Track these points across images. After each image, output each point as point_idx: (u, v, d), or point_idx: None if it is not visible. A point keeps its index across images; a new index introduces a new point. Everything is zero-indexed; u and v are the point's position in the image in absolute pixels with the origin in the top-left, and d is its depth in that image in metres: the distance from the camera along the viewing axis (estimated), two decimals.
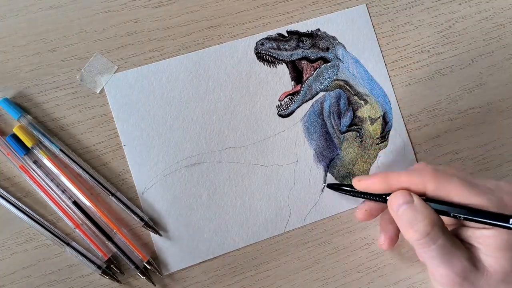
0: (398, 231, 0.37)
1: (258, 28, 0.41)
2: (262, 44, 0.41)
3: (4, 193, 0.37)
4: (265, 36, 0.41)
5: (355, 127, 0.41)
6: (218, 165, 0.39)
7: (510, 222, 0.29)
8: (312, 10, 0.42)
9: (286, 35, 0.41)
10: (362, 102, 0.42)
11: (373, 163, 0.41)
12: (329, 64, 0.41)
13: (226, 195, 0.39)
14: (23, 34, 0.38)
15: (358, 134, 0.41)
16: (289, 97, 0.41)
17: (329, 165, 0.41)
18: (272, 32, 0.41)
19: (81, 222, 0.37)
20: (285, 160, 0.40)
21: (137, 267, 0.37)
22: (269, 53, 0.41)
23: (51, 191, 0.37)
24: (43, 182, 0.37)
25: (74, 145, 0.38)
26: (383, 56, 0.42)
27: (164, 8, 0.40)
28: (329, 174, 0.41)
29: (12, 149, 0.37)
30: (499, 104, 0.43)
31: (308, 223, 0.40)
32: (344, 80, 0.42)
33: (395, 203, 0.32)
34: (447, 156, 0.42)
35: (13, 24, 0.38)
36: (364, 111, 0.42)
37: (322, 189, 0.40)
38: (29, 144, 0.36)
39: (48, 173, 0.37)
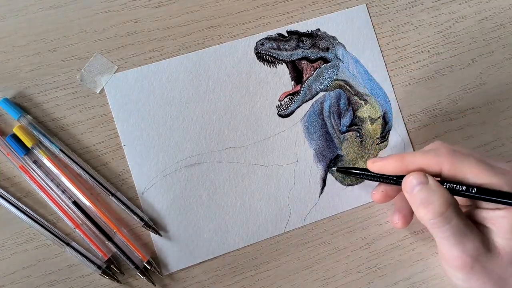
0: (412, 210, 0.37)
1: (258, 28, 0.41)
2: (262, 44, 0.41)
3: (4, 193, 0.37)
4: (265, 36, 0.41)
5: (355, 127, 0.41)
6: (218, 165, 0.39)
7: None
8: (312, 10, 0.42)
9: (286, 35, 0.41)
10: (362, 102, 0.42)
11: None
12: (329, 64, 0.41)
13: (226, 195, 0.39)
14: (23, 34, 0.38)
15: (358, 134, 0.41)
16: (289, 97, 0.41)
17: (329, 165, 0.41)
18: (272, 32, 0.41)
19: (81, 222, 0.37)
20: (285, 160, 0.40)
21: (137, 267, 0.37)
22: (269, 53, 0.41)
23: (51, 191, 0.37)
24: (43, 182, 0.37)
25: (74, 145, 0.38)
26: (383, 56, 0.42)
27: (164, 8, 0.40)
28: (329, 174, 0.41)
29: (12, 149, 0.37)
30: (499, 104, 0.43)
31: (308, 223, 0.40)
32: (344, 80, 0.42)
33: (409, 184, 0.32)
34: None
35: (13, 24, 0.38)
36: (364, 111, 0.42)
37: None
38: (29, 144, 0.36)
39: (48, 173, 0.37)
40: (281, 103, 0.41)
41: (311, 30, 0.42)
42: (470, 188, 0.31)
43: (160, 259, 0.38)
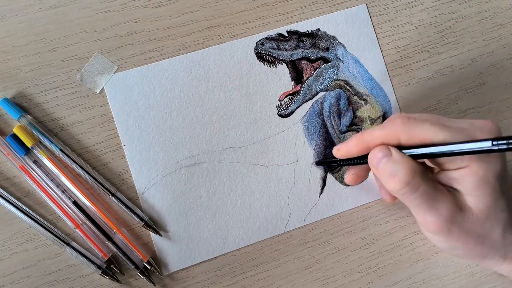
0: None
1: (258, 28, 0.41)
2: (262, 44, 0.41)
3: (4, 193, 0.37)
4: (265, 36, 0.41)
5: (355, 127, 0.41)
6: (218, 165, 0.39)
7: (491, 144, 0.27)
8: (312, 10, 0.42)
9: (286, 35, 0.41)
10: (362, 102, 0.42)
11: None
12: (329, 64, 0.41)
13: (226, 195, 0.39)
14: (23, 34, 0.38)
15: None
16: (289, 97, 0.41)
17: (329, 165, 0.41)
18: (272, 32, 0.41)
19: (81, 222, 0.37)
20: (285, 160, 0.40)
21: (137, 267, 0.37)
22: (269, 53, 0.41)
23: (51, 191, 0.37)
24: (43, 182, 0.37)
25: (74, 145, 0.38)
26: (383, 56, 0.42)
27: (164, 8, 0.40)
28: (329, 174, 0.41)
29: (12, 149, 0.37)
30: (499, 104, 0.43)
31: (308, 223, 0.40)
32: (344, 80, 0.42)
33: (374, 159, 0.32)
34: None
35: (13, 24, 0.38)
36: (364, 111, 0.42)
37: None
38: (29, 144, 0.36)
39: (48, 173, 0.37)
40: (281, 103, 0.41)
41: (311, 30, 0.42)
42: (425, 149, 0.30)
43: (160, 259, 0.38)
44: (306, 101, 0.41)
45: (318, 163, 0.40)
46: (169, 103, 0.39)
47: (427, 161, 0.34)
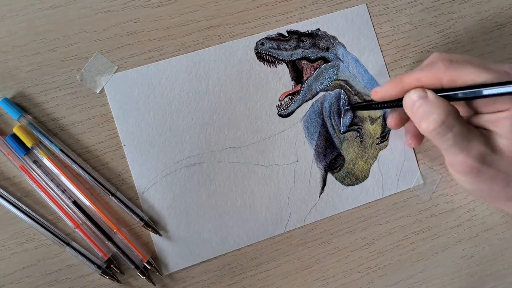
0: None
1: (258, 28, 0.41)
2: (262, 44, 0.41)
3: (4, 193, 0.37)
4: (265, 36, 0.41)
5: (355, 127, 0.41)
6: (218, 165, 0.39)
7: None
8: (312, 10, 0.42)
9: (286, 35, 0.41)
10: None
11: (373, 163, 0.41)
12: (329, 64, 0.41)
13: (226, 195, 0.39)
14: (23, 34, 0.38)
15: (358, 134, 0.41)
16: (289, 97, 0.41)
17: (329, 165, 0.41)
18: (272, 32, 0.41)
19: (81, 222, 0.37)
20: (285, 160, 0.40)
21: (137, 267, 0.37)
22: (269, 53, 0.41)
23: (51, 191, 0.37)
24: (43, 182, 0.37)
25: (74, 145, 0.38)
26: (383, 56, 0.42)
27: (164, 8, 0.40)
28: (329, 174, 0.41)
29: (12, 149, 0.37)
30: None
31: (308, 223, 0.40)
32: (344, 80, 0.42)
33: (409, 101, 0.32)
34: None
35: (13, 24, 0.38)
36: (364, 111, 0.42)
37: (345, 111, 0.41)
38: (29, 144, 0.36)
39: (48, 173, 0.37)
40: (281, 103, 0.41)
41: (311, 30, 0.42)
42: (468, 90, 0.30)
43: (160, 259, 0.38)
44: (306, 101, 0.41)
45: (353, 108, 0.40)
46: (169, 103, 0.39)
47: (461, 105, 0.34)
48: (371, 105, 0.37)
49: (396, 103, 0.35)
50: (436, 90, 0.32)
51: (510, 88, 0.29)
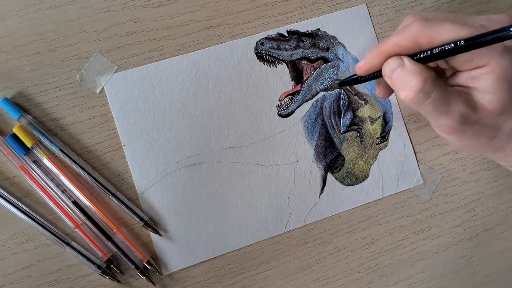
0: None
1: (258, 28, 0.41)
2: (262, 44, 0.41)
3: (4, 193, 0.37)
4: (265, 36, 0.41)
5: (355, 127, 0.41)
6: (218, 165, 0.39)
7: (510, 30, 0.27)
8: (312, 10, 0.42)
9: (286, 35, 0.41)
10: (362, 102, 0.42)
11: (373, 163, 0.41)
12: (329, 64, 0.41)
13: (226, 195, 0.39)
14: (23, 34, 0.38)
15: (358, 134, 0.41)
16: (289, 97, 0.41)
17: (329, 165, 0.41)
18: (272, 32, 0.41)
19: (81, 222, 0.37)
20: (285, 160, 0.40)
21: (137, 267, 0.37)
22: (269, 53, 0.41)
23: (51, 191, 0.37)
24: (43, 182, 0.37)
25: (74, 145, 0.38)
26: None
27: (164, 8, 0.40)
28: (329, 174, 0.41)
29: (12, 149, 0.37)
30: None
31: (308, 223, 0.40)
32: None
33: (387, 71, 0.32)
34: (448, 156, 0.42)
35: (13, 24, 0.38)
36: (364, 111, 0.42)
37: (335, 87, 0.41)
38: (29, 144, 0.36)
39: (48, 173, 0.37)
40: (281, 103, 0.41)
41: (311, 30, 0.42)
42: (446, 46, 0.30)
43: (160, 259, 0.38)
44: (306, 101, 0.41)
45: (341, 84, 0.40)
46: (169, 103, 0.39)
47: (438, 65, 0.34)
48: (356, 79, 0.37)
49: (378, 73, 0.34)
50: (415, 53, 0.31)
51: (483, 39, 0.28)
